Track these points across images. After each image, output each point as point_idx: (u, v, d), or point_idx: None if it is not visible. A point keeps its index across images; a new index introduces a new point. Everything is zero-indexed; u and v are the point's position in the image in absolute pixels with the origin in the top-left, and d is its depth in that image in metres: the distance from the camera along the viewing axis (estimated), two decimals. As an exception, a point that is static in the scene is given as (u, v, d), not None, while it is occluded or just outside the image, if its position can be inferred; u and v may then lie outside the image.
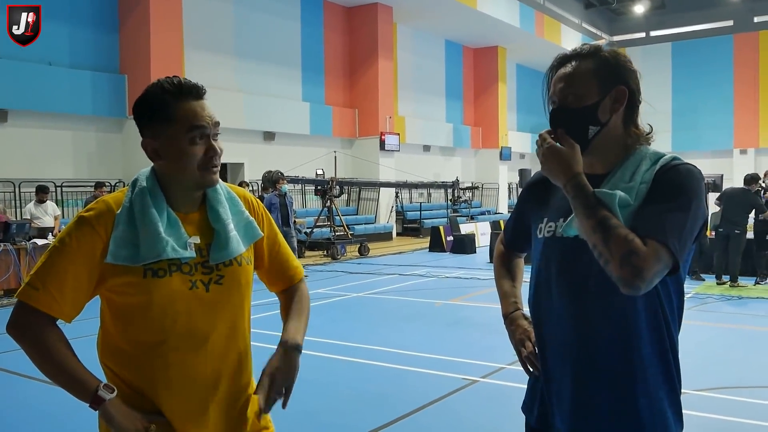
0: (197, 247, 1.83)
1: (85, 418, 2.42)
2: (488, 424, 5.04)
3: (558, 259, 1.84)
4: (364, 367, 6.56)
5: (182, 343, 1.78)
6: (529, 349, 1.96)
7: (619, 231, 1.61)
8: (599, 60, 1.80)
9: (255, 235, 1.95)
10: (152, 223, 1.76)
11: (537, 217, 1.96)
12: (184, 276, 1.79)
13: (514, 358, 6.20)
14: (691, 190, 1.69)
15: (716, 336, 7.88)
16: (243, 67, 19.36)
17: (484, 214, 26.19)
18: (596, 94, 1.77)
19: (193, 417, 1.81)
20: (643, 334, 1.74)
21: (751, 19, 32.84)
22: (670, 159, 1.76)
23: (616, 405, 1.75)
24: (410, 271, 14.32)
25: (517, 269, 2.24)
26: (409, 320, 8.95)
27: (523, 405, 2.03)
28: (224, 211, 1.88)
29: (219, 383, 1.84)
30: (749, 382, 6.02)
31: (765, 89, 32.28)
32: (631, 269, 1.57)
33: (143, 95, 1.80)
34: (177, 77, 1.80)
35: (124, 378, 1.82)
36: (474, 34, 27.77)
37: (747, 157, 32.13)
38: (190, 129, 1.77)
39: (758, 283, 11.69)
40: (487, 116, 29.97)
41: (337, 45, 23.01)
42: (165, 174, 1.83)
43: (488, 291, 11.12)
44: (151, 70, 15.75)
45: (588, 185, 1.69)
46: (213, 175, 1.82)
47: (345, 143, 23.09)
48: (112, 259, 1.74)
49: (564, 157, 1.73)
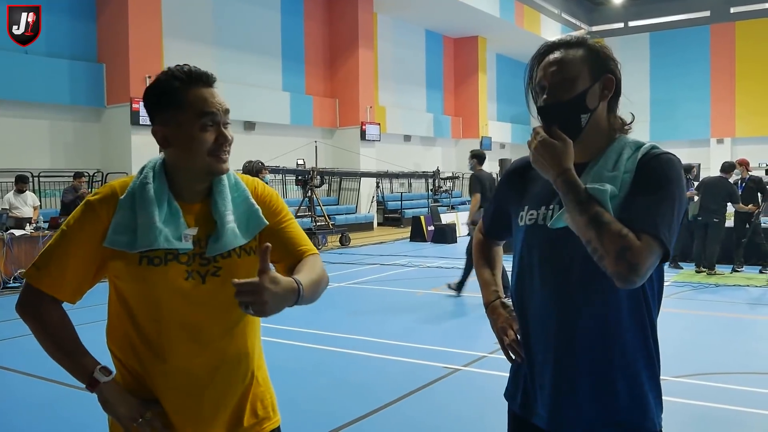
0: (196, 238, 1.81)
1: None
2: (471, 413, 5.06)
3: (540, 247, 1.84)
4: (345, 356, 6.55)
5: (177, 333, 1.78)
6: (512, 337, 1.96)
7: (613, 227, 1.63)
8: (587, 48, 1.83)
9: (259, 225, 1.90)
10: (149, 211, 1.75)
11: (517, 205, 1.95)
12: (181, 266, 1.78)
13: (496, 346, 6.40)
14: (674, 179, 1.71)
15: (694, 323, 7.95)
16: (223, 56, 19.22)
17: (464, 203, 26.15)
18: (587, 80, 1.79)
19: (187, 409, 1.80)
20: (624, 319, 1.76)
21: (727, 10, 33.07)
22: (650, 147, 1.78)
23: (597, 390, 1.77)
24: (391, 260, 14.31)
25: (496, 257, 2.23)
26: (390, 310, 8.97)
27: (506, 392, 2.03)
28: (223, 203, 1.84)
29: (215, 376, 1.82)
30: (726, 368, 6.07)
31: (741, 80, 32.55)
32: (627, 265, 1.60)
33: (154, 82, 1.80)
34: (187, 65, 1.80)
35: (126, 364, 1.83)
36: (454, 24, 27.78)
37: (724, 147, 32.39)
38: (201, 115, 1.76)
39: (735, 271, 11.78)
40: (467, 106, 30.03)
41: (317, 34, 22.93)
42: (174, 162, 1.82)
43: (469, 280, 11.00)
44: (129, 59, 15.67)
45: (579, 181, 1.71)
46: (223, 163, 1.81)
47: (326, 133, 23.04)
48: (109, 244, 1.75)
49: (556, 151, 1.73)
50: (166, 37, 17.30)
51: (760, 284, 10.66)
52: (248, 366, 1.91)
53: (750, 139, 31.83)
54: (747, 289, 10.30)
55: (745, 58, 32.45)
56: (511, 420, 2.01)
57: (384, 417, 4.92)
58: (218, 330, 1.82)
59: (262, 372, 1.98)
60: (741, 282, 10.90)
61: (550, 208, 1.83)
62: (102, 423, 1.90)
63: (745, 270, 11.87)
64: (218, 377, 1.83)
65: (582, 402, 1.78)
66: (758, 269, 11.81)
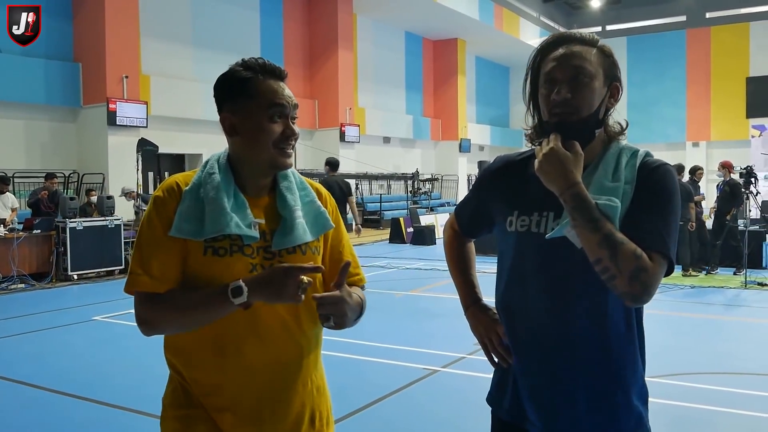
0: (261, 230, 1.80)
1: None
2: (450, 414, 5.04)
3: (535, 256, 1.78)
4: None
5: (240, 327, 1.76)
6: (497, 342, 1.93)
7: (628, 247, 1.60)
8: (600, 50, 1.78)
9: (326, 226, 1.91)
10: (219, 198, 1.76)
11: (504, 209, 1.87)
12: (245, 258, 1.77)
13: (475, 348, 6.41)
14: (675, 192, 1.71)
15: (669, 324, 7.98)
16: (201, 56, 19.04)
17: (443, 205, 26.20)
18: (602, 85, 1.75)
19: (247, 408, 1.79)
20: (621, 331, 1.76)
21: (703, 15, 33.36)
22: (645, 154, 1.77)
23: (596, 402, 1.76)
24: (370, 262, 14.25)
25: (470, 255, 2.17)
26: (368, 311, 8.48)
27: (489, 397, 1.98)
28: (293, 198, 1.86)
29: (276, 375, 1.81)
30: (701, 368, 6.12)
31: (716, 84, 32.83)
32: (641, 286, 1.59)
33: (227, 72, 1.83)
34: (261, 58, 1.83)
35: (187, 365, 1.82)
36: (434, 26, 27.78)
37: (699, 150, 32.67)
38: (271, 106, 1.78)
39: (709, 273, 11.87)
40: (446, 108, 30.03)
41: (296, 35, 22.82)
42: (239, 152, 1.83)
43: (448, 282, 10.89)
44: (106, 59, 15.49)
45: (589, 196, 1.65)
46: (287, 157, 1.82)
47: (305, 134, 22.86)
48: (175, 232, 1.74)
49: (568, 163, 1.67)
50: (144, 37, 17.13)
51: (734, 286, 10.75)
52: (308, 370, 1.89)
53: (725, 142, 32.10)
54: (722, 291, 10.40)
55: (720, 62, 32.75)
56: (497, 425, 1.96)
57: (362, 419, 4.90)
58: (280, 327, 1.80)
59: (322, 381, 1.98)
60: (716, 284, 10.99)
61: (543, 215, 1.78)
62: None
63: (719, 272, 11.95)
64: (279, 377, 1.81)
65: (581, 415, 1.76)
66: (732, 271, 11.89)
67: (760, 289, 10.46)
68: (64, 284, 11.46)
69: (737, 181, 11.81)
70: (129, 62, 15.99)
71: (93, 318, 8.52)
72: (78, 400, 5.35)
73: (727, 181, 12.06)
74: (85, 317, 8.61)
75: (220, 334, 1.75)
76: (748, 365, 6.22)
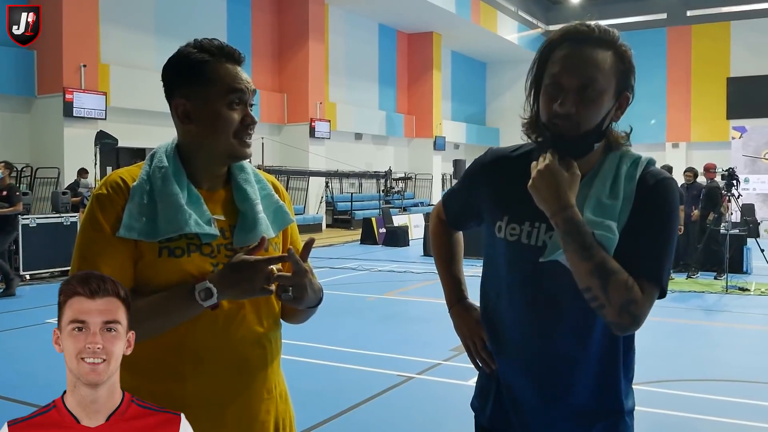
0: (220, 227, 1.73)
1: None
2: (426, 421, 5.05)
3: (525, 268, 1.76)
4: (295, 364, 6.30)
5: (199, 331, 1.68)
6: (481, 346, 1.92)
7: (620, 277, 1.58)
8: (617, 53, 1.67)
9: (286, 221, 1.88)
10: (174, 194, 1.67)
11: (494, 210, 1.84)
12: (205, 257, 1.69)
13: (451, 354, 6.51)
14: (674, 212, 1.68)
15: (649, 330, 7.65)
16: (164, 46, 18.43)
17: (417, 205, 26.20)
18: (611, 98, 1.67)
19: (211, 419, 1.68)
20: (606, 350, 1.74)
21: (684, 13, 33.38)
22: (646, 163, 1.73)
23: (578, 416, 1.75)
24: (341, 264, 14.12)
25: (457, 247, 2.14)
26: (340, 315, 8.77)
27: (472, 403, 1.98)
28: (253, 191, 1.79)
29: (240, 381, 1.73)
30: (682, 375, 6.17)
31: (697, 84, 32.82)
32: (630, 317, 1.58)
33: (178, 53, 1.75)
34: (216, 39, 1.75)
35: (142, 376, 1.67)
36: (409, 19, 27.37)
37: (679, 151, 32.68)
38: (229, 91, 1.71)
39: (690, 278, 11.78)
40: (421, 104, 29.64)
41: (265, 25, 22.38)
42: (193, 142, 1.75)
43: (422, 285, 11.34)
44: (63, 46, 15.09)
45: (582, 222, 1.60)
46: (247, 147, 1.76)
47: (273, 129, 22.52)
48: (125, 233, 1.64)
49: (563, 183, 1.62)
50: (103, 24, 16.71)
51: (715, 291, 10.75)
52: (273, 376, 1.83)
53: (705, 144, 32.06)
54: (702, 296, 10.40)
55: (700, 62, 32.73)
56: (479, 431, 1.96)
57: (337, 426, 4.90)
58: (245, 328, 1.74)
59: (284, 388, 1.92)
60: (697, 288, 10.99)
61: (535, 226, 1.74)
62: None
63: (700, 276, 11.93)
64: (243, 383, 1.74)
65: (564, 427, 1.77)
66: (713, 275, 11.82)
67: (741, 294, 10.45)
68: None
69: (715, 184, 11.83)
70: (87, 50, 15.62)
71: (46, 321, 8.22)
72: (29, 407, 4.92)
73: (707, 185, 12.06)
74: (37, 320, 8.39)
75: (180, 340, 1.68)
76: (730, 371, 6.29)
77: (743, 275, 12.01)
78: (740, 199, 12.09)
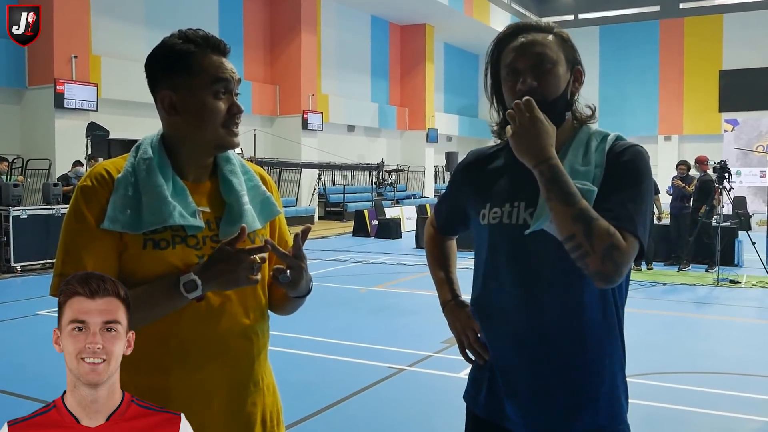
0: (206, 218, 1.73)
1: None
2: (417, 413, 5.03)
3: (508, 247, 1.79)
4: (286, 356, 6.30)
5: (184, 323, 1.67)
6: (473, 338, 1.93)
7: (602, 223, 1.60)
8: (557, 36, 1.80)
9: (273, 212, 1.87)
10: (158, 186, 1.67)
11: (477, 202, 1.88)
12: (190, 249, 1.69)
13: (442, 346, 6.56)
14: (645, 173, 1.71)
15: (641, 322, 7.85)
16: (155, 37, 17.48)
17: (409, 197, 26.18)
18: (566, 70, 1.78)
19: (197, 412, 1.65)
20: (598, 321, 1.75)
21: (676, 6, 33.37)
22: (615, 138, 1.78)
23: (573, 394, 1.75)
24: (333, 256, 14.06)
25: (450, 252, 2.18)
26: (332, 307, 8.74)
27: (465, 394, 1.98)
28: (238, 183, 1.79)
29: (227, 374, 1.73)
30: (673, 367, 6.15)
31: (689, 76, 32.81)
32: (613, 265, 1.59)
33: (163, 44, 1.73)
34: (201, 30, 1.74)
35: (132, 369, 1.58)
36: (401, 11, 27.29)
37: (671, 144, 32.73)
38: (215, 81, 1.70)
39: (681, 270, 11.76)
40: (413, 96, 29.57)
41: (257, 17, 22.29)
42: (179, 133, 1.74)
43: (414, 277, 11.29)
44: (54, 38, 14.96)
45: (564, 170, 1.65)
46: (234, 136, 1.74)
47: (265, 121, 22.45)
48: (109, 225, 1.63)
49: (546, 132, 1.66)
50: (95, 15, 16.61)
51: (706, 283, 10.69)
52: (260, 368, 1.83)
53: (697, 136, 32.06)
54: (694, 289, 10.36)
55: (693, 54, 32.72)
56: (471, 422, 1.96)
57: (328, 418, 4.89)
58: (231, 320, 1.74)
59: (272, 380, 1.91)
60: (688, 281, 10.94)
61: (515, 205, 1.78)
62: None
63: (691, 269, 11.91)
64: (229, 375, 1.74)
65: (560, 408, 1.76)
66: (704, 268, 11.83)
67: (732, 287, 10.41)
68: (6, 276, 11.15)
69: (709, 177, 11.78)
70: (78, 41, 15.54)
71: (38, 312, 8.17)
72: (21, 399, 5.01)
73: (700, 177, 12.01)
74: (29, 311, 8.31)
75: (166, 332, 1.67)
76: (721, 364, 6.26)
77: (734, 268, 11.98)
78: (732, 191, 12.00)
